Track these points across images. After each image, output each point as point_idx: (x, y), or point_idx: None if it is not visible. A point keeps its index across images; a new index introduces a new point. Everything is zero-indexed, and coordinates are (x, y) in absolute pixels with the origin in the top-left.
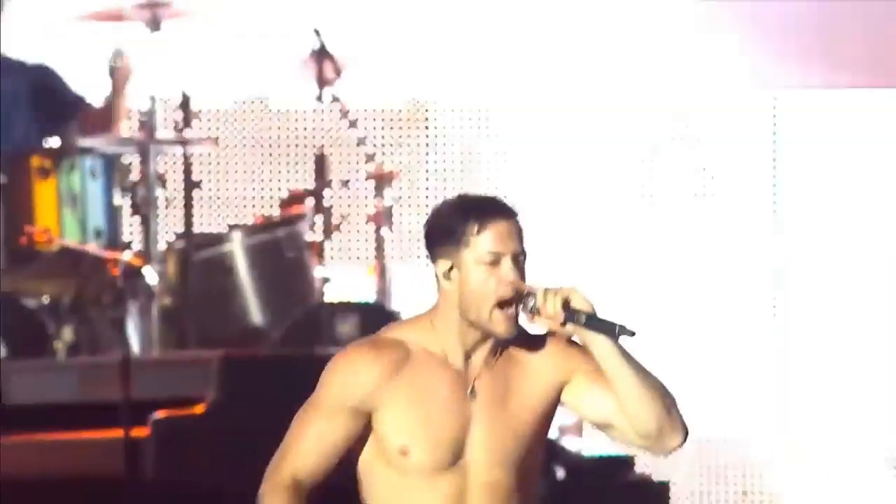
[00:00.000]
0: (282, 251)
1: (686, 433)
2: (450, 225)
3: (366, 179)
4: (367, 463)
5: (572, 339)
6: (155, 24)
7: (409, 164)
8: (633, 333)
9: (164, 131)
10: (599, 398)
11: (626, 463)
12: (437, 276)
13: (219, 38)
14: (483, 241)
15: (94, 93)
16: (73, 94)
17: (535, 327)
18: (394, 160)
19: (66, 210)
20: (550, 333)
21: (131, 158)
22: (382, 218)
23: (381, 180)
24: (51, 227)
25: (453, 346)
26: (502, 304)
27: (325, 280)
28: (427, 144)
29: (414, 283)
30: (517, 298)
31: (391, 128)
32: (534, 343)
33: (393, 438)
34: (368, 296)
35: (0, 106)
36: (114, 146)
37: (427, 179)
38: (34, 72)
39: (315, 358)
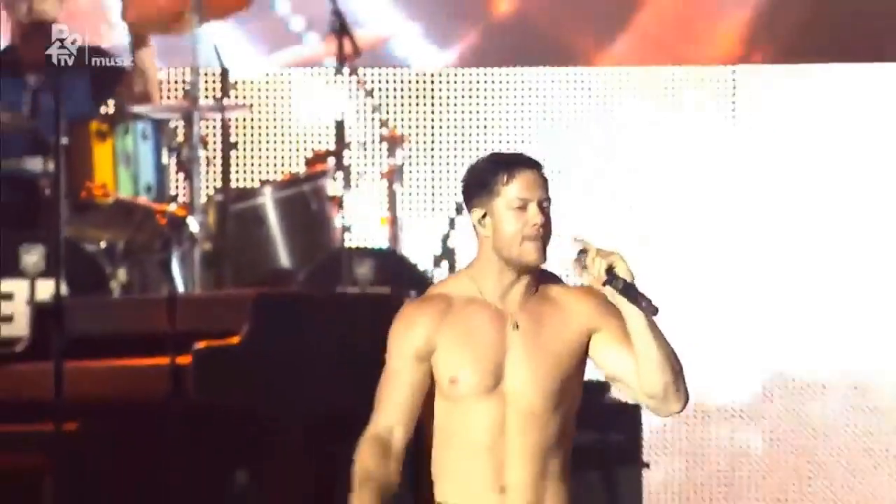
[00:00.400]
0: (307, 203)
1: (687, 402)
2: (483, 178)
3: (380, 142)
4: (435, 406)
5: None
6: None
7: (418, 127)
8: (655, 312)
9: (205, 100)
10: (620, 355)
11: (602, 387)
12: (473, 224)
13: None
14: (512, 189)
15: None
16: (118, 67)
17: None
18: (404, 124)
19: (121, 168)
20: (589, 285)
21: (177, 123)
22: (394, 175)
23: (393, 142)
24: (107, 183)
25: (492, 287)
26: (530, 239)
27: (345, 229)
28: (434, 110)
29: (420, 233)
30: (545, 236)
31: (402, 95)
32: (570, 290)
33: (445, 372)
34: (382, 242)
35: (64, 79)
36: (161, 112)
37: (433, 142)
38: (89, 50)
39: (335, 296)
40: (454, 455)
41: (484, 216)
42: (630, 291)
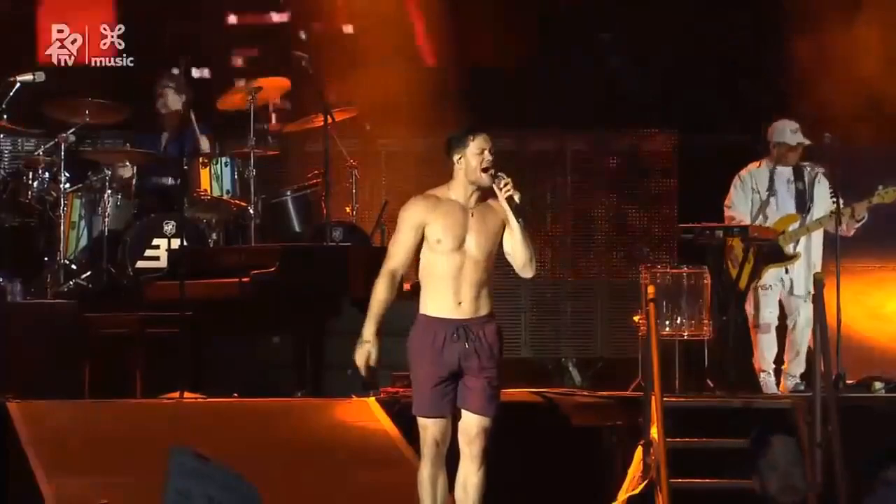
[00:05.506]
0: (308, 198)
1: (534, 272)
2: (460, 137)
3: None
4: (424, 256)
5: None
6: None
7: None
8: (525, 223)
9: (252, 149)
10: (509, 239)
11: None
12: (453, 162)
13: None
14: (475, 144)
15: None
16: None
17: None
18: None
19: (214, 181)
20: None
21: (241, 160)
22: (351, 188)
23: (350, 168)
24: (206, 189)
25: (461, 195)
26: (484, 170)
27: (326, 212)
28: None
29: (369, 216)
30: (493, 170)
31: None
32: (497, 204)
33: (433, 236)
34: (346, 219)
35: (186, 140)
36: (233, 154)
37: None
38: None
39: (322, 246)
40: (434, 286)
41: (460, 158)
42: (519, 209)
